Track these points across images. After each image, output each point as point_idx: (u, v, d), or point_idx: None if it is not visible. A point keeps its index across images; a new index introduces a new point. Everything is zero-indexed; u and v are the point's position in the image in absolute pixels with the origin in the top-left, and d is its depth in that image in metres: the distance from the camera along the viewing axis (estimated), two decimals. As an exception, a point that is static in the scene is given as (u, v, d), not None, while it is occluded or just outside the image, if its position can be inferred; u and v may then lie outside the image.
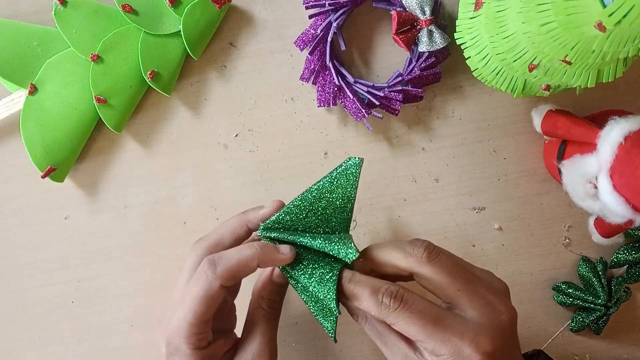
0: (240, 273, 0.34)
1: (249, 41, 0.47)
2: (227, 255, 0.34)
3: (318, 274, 0.36)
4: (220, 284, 0.33)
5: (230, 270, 0.34)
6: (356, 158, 0.37)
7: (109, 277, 0.48)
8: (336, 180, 0.37)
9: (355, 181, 0.38)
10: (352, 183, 0.38)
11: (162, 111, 0.47)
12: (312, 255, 0.37)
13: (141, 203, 0.47)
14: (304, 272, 0.36)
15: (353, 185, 0.38)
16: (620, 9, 0.28)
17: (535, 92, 0.40)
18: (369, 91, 0.44)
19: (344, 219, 0.38)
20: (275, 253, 0.35)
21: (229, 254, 0.34)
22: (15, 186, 0.47)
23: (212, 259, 0.34)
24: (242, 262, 0.34)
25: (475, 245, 0.47)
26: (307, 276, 0.36)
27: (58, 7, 0.43)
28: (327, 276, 0.36)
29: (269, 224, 0.37)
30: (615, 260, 0.46)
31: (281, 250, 0.36)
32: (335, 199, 0.37)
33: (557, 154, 0.43)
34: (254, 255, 0.34)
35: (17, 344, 0.48)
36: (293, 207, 0.37)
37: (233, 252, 0.34)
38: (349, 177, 0.37)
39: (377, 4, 0.45)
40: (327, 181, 0.37)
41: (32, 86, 0.44)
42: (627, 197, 0.36)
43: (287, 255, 0.35)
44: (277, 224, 0.37)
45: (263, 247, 0.35)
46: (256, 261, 0.34)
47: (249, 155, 0.47)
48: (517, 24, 0.35)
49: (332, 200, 0.37)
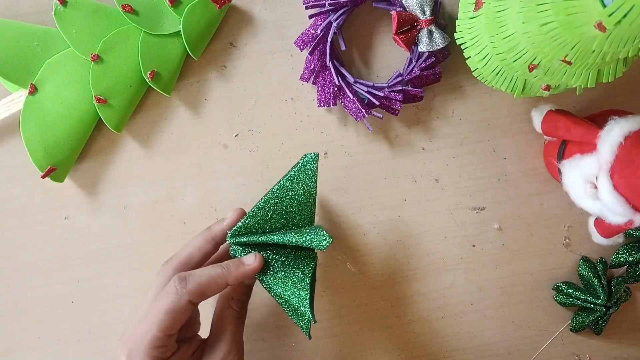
0: (209, 290, 0.35)
1: (249, 41, 0.47)
2: (197, 272, 0.35)
3: (290, 283, 0.37)
4: (188, 299, 0.34)
5: (200, 287, 0.34)
6: (312, 153, 0.39)
7: (109, 277, 0.48)
8: (296, 177, 0.38)
9: (314, 175, 0.39)
10: (311, 177, 0.39)
11: (162, 111, 0.47)
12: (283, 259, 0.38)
13: (141, 203, 0.47)
14: (276, 281, 0.37)
15: (312, 179, 0.39)
16: (620, 9, 0.28)
17: (535, 92, 0.40)
18: (369, 91, 0.44)
19: (308, 214, 0.39)
20: (242, 266, 0.36)
21: (199, 271, 0.35)
22: (15, 186, 0.47)
23: (182, 275, 0.35)
24: (212, 280, 0.35)
25: (475, 245, 0.47)
26: (280, 286, 0.37)
27: (58, 7, 0.43)
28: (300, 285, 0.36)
29: (236, 230, 0.38)
30: (615, 260, 0.46)
31: (245, 261, 0.36)
32: (297, 195, 0.39)
33: (557, 154, 0.43)
34: (222, 273, 0.35)
35: (17, 344, 0.48)
36: (257, 209, 0.38)
37: (203, 270, 0.35)
38: (307, 173, 0.39)
39: (377, 4, 0.45)
40: (287, 180, 0.38)
41: (32, 86, 0.44)
42: (627, 197, 0.36)
43: (253, 265, 0.36)
44: (243, 229, 0.38)
45: (230, 264, 0.36)
46: (225, 279, 0.35)
47: (249, 155, 0.47)
48: (517, 24, 0.35)
49: (294, 197, 0.39)
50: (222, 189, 0.47)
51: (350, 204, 0.47)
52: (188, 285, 0.34)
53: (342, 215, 0.47)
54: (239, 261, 0.36)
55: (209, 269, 0.36)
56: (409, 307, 0.48)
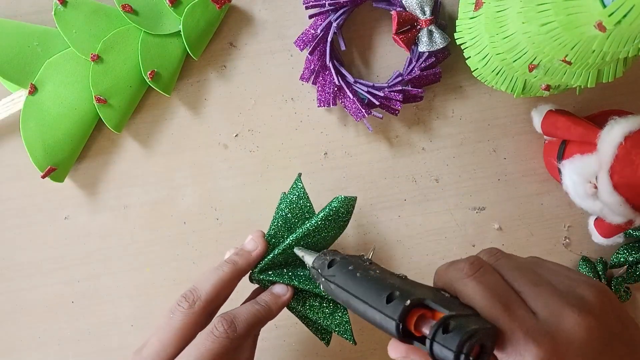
0: (255, 329, 0.35)
1: (249, 41, 0.47)
2: (242, 313, 0.35)
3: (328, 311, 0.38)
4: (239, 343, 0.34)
5: (250, 328, 0.34)
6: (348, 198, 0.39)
7: (109, 277, 0.48)
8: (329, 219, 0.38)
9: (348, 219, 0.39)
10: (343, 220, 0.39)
11: (162, 111, 0.47)
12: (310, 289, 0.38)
13: (141, 203, 0.47)
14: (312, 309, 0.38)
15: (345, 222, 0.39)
16: (620, 9, 0.28)
17: (535, 92, 0.40)
18: (369, 91, 0.44)
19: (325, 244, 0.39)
20: (279, 299, 0.36)
21: (243, 312, 0.35)
22: (15, 186, 0.47)
23: (229, 318, 0.34)
24: (258, 319, 0.35)
25: (475, 245, 0.47)
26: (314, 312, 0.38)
27: (58, 7, 0.43)
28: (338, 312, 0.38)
29: (263, 266, 0.38)
30: (615, 260, 0.46)
31: (279, 293, 0.37)
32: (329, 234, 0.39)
33: (557, 154, 0.43)
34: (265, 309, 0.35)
35: (17, 344, 0.48)
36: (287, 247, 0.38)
37: (245, 309, 0.35)
38: (339, 216, 0.38)
39: (377, 4, 0.45)
40: (321, 220, 0.38)
41: (32, 86, 0.44)
42: (627, 197, 0.36)
43: (287, 295, 0.37)
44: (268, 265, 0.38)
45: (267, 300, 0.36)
46: (268, 316, 0.35)
47: (249, 155, 0.47)
48: (517, 24, 0.35)
49: (326, 237, 0.39)
50: (222, 189, 0.47)
51: (350, 204, 0.47)
52: (239, 329, 0.33)
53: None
54: (274, 295, 0.36)
55: (249, 308, 0.35)
56: (409, 307, 0.48)
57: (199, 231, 0.47)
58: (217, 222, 0.47)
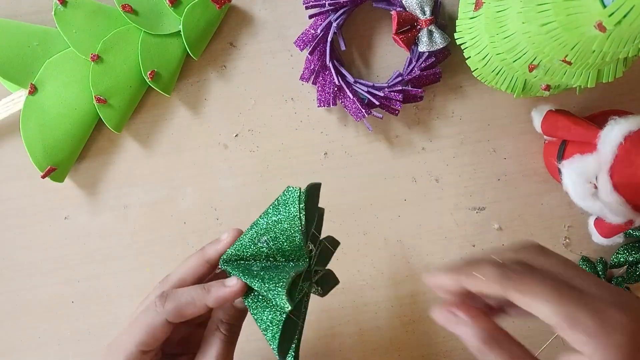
0: (188, 311, 0.34)
1: (249, 41, 0.47)
2: (179, 291, 0.34)
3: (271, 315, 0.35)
4: (165, 318, 0.33)
5: (178, 307, 0.34)
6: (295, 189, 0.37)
7: (109, 277, 0.48)
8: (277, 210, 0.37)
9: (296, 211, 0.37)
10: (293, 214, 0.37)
11: (162, 111, 0.47)
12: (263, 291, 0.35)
13: (141, 203, 0.47)
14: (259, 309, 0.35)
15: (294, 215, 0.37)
16: (620, 9, 0.28)
17: (535, 92, 0.40)
18: (369, 91, 0.44)
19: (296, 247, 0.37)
20: (223, 288, 0.35)
21: (181, 290, 0.34)
22: (15, 186, 0.47)
23: (165, 293, 0.34)
24: (191, 300, 0.34)
25: (475, 245, 0.47)
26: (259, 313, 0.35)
27: (58, 7, 0.43)
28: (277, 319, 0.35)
29: (228, 256, 0.37)
30: (615, 260, 0.46)
31: (227, 283, 0.35)
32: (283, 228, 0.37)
33: (557, 154, 0.43)
34: (202, 294, 0.34)
35: (17, 344, 0.48)
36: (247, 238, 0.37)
37: (185, 290, 0.35)
38: (289, 208, 0.37)
39: (377, 4, 0.45)
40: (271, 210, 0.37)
41: (32, 86, 0.44)
42: (627, 197, 0.36)
43: (234, 288, 0.35)
44: (235, 255, 0.37)
45: (212, 286, 0.35)
46: (204, 301, 0.34)
47: (249, 155, 0.47)
48: (517, 24, 0.35)
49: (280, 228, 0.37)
50: (222, 189, 0.47)
51: (350, 204, 0.47)
52: (166, 304, 0.33)
53: (342, 215, 0.47)
54: (221, 283, 0.35)
55: (190, 289, 0.35)
56: (409, 307, 0.48)
57: (199, 231, 0.47)
58: (217, 222, 0.47)
